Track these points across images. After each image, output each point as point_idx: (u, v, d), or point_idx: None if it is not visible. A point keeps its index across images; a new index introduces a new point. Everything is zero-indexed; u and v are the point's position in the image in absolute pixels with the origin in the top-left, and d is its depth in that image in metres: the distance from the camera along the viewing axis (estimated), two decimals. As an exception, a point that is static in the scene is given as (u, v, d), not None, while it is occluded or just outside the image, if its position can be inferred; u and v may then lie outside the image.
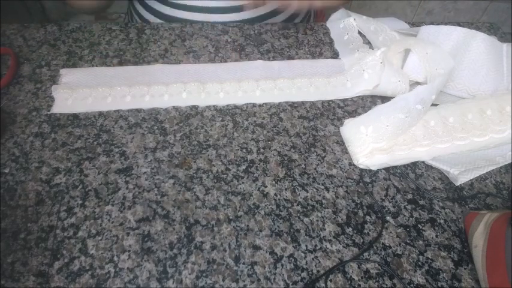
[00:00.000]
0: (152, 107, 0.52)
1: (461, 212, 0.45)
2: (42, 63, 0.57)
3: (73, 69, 0.56)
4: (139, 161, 0.46)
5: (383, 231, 0.43)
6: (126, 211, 0.42)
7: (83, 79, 0.55)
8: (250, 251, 0.40)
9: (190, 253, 0.39)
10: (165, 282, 0.37)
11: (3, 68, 0.55)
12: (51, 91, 0.52)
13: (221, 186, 0.45)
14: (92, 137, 0.48)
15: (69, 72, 0.55)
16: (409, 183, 0.47)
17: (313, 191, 0.45)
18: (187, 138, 0.49)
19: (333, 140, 0.51)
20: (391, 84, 0.53)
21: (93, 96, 0.53)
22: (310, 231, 0.42)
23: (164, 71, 0.57)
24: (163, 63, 0.58)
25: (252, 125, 0.52)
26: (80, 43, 0.60)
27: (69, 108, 0.51)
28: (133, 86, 0.54)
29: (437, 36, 0.56)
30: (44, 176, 0.44)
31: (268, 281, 0.38)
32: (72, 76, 0.55)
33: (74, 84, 0.54)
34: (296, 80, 0.57)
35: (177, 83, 0.55)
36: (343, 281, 0.39)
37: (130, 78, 0.55)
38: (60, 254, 0.38)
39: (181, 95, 0.54)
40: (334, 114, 0.54)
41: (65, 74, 0.55)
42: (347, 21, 0.67)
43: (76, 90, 0.53)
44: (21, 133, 0.48)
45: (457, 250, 0.42)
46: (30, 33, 0.61)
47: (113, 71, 0.56)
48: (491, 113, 0.52)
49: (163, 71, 0.57)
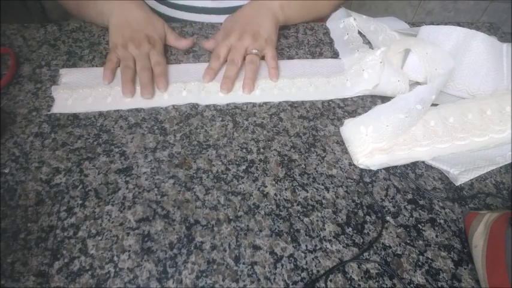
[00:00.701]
0: (152, 106, 0.52)
1: (461, 212, 0.45)
2: (42, 63, 0.57)
3: (73, 69, 0.56)
4: (139, 161, 0.46)
5: (383, 231, 0.43)
6: (126, 211, 0.42)
7: (83, 79, 0.55)
8: (250, 251, 0.40)
9: (190, 253, 0.39)
10: (165, 282, 0.37)
11: (3, 68, 0.55)
12: (51, 91, 0.52)
13: (221, 186, 0.45)
14: (92, 137, 0.48)
15: (69, 72, 0.55)
16: (409, 183, 0.47)
17: (313, 191, 0.45)
18: (187, 138, 0.49)
19: (333, 140, 0.51)
20: (390, 84, 0.53)
21: (93, 96, 0.53)
22: (310, 231, 0.42)
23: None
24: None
25: (252, 125, 0.52)
26: (80, 43, 0.60)
27: (69, 108, 0.51)
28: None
29: (437, 36, 0.56)
30: (44, 176, 0.44)
31: (268, 281, 0.38)
32: (72, 76, 0.55)
33: (74, 84, 0.54)
34: (296, 79, 0.57)
35: (177, 82, 0.55)
36: (343, 281, 0.39)
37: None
38: (60, 254, 0.38)
39: (181, 94, 0.54)
40: (334, 114, 0.54)
41: (65, 74, 0.55)
42: (347, 21, 0.67)
43: (76, 90, 0.53)
44: (21, 133, 0.48)
45: (457, 250, 0.42)
46: (30, 33, 0.61)
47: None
48: (491, 113, 0.52)
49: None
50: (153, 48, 0.57)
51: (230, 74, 0.55)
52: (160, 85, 0.54)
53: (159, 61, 0.55)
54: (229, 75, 0.55)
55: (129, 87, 0.53)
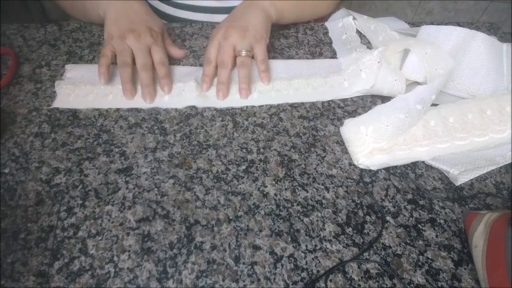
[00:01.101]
0: (153, 106, 0.52)
1: (461, 212, 0.45)
2: (42, 63, 0.57)
3: (77, 65, 0.56)
4: (139, 161, 0.46)
5: (383, 231, 0.43)
6: (126, 211, 0.42)
7: (87, 75, 0.55)
8: (250, 251, 0.40)
9: (190, 253, 0.39)
10: (165, 282, 0.37)
11: (3, 68, 0.55)
12: (54, 86, 0.52)
13: (221, 186, 0.45)
14: (92, 137, 0.48)
15: (74, 68, 0.56)
16: (409, 183, 0.47)
17: (313, 191, 0.45)
18: (187, 138, 0.49)
19: (333, 140, 0.51)
20: (387, 83, 0.53)
21: (95, 93, 0.53)
22: (310, 231, 0.42)
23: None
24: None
25: (252, 125, 0.52)
26: (80, 43, 0.60)
27: (70, 104, 0.51)
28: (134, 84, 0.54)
29: (437, 36, 0.56)
30: (44, 176, 0.44)
31: (268, 281, 0.38)
32: (76, 72, 0.55)
33: (77, 80, 0.54)
34: (293, 80, 0.57)
35: (177, 83, 0.55)
36: (343, 281, 0.39)
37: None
38: (60, 254, 0.38)
39: (181, 96, 0.54)
40: (334, 114, 0.54)
41: (70, 69, 0.55)
42: (346, 20, 0.67)
43: (78, 86, 0.53)
44: (21, 133, 0.48)
45: (457, 250, 0.42)
46: (30, 33, 0.61)
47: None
48: (491, 113, 0.52)
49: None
50: (155, 43, 0.53)
51: (222, 79, 0.54)
52: (165, 88, 0.53)
53: (163, 60, 0.53)
54: (222, 81, 0.54)
55: (129, 88, 0.52)
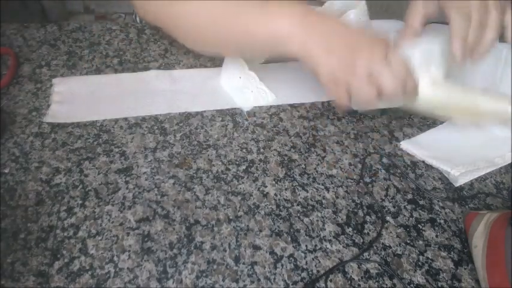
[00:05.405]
0: (146, 114, 0.51)
1: (461, 212, 0.45)
2: (42, 63, 0.57)
3: (65, 78, 0.54)
4: (139, 161, 0.46)
5: (383, 231, 0.43)
6: (126, 211, 0.42)
7: (76, 88, 0.53)
8: (250, 251, 0.40)
9: (190, 253, 0.39)
10: (165, 282, 0.37)
11: (3, 68, 0.55)
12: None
13: (221, 186, 0.45)
14: (92, 137, 0.48)
15: (62, 81, 0.54)
16: (409, 183, 0.47)
17: (313, 191, 0.45)
18: (187, 138, 0.49)
19: (333, 140, 0.51)
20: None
21: (87, 105, 0.51)
22: (310, 231, 0.42)
23: (159, 77, 0.56)
24: (163, 63, 0.58)
25: (252, 125, 0.52)
26: (80, 43, 0.60)
27: (63, 118, 0.50)
28: (126, 96, 0.53)
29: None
30: (44, 176, 0.44)
31: (268, 281, 0.38)
32: (64, 85, 0.53)
33: (67, 93, 0.52)
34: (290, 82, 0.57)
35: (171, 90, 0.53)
36: (343, 281, 0.39)
37: (124, 86, 0.54)
38: (60, 254, 0.38)
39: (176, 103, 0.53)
40: (334, 114, 0.54)
41: (58, 83, 0.53)
42: None
43: (69, 99, 0.51)
44: (21, 133, 0.48)
45: (457, 250, 0.42)
46: (30, 33, 0.61)
47: (106, 78, 0.55)
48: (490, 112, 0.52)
49: (158, 77, 0.56)
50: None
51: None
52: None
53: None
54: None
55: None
